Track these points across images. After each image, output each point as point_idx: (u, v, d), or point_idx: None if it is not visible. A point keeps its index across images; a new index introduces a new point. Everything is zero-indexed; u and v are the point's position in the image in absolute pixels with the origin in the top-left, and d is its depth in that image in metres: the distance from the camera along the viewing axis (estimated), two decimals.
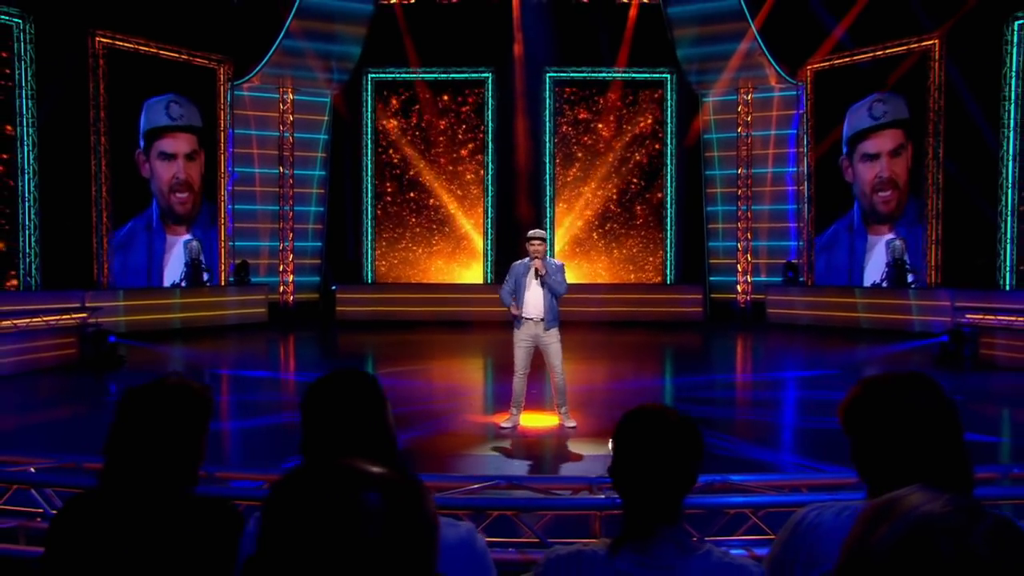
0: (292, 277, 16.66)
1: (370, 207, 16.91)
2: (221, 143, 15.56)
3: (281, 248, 16.61)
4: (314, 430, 1.67)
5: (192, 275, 15.00)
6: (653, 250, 16.92)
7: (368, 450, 1.63)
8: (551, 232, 16.45)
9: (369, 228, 16.91)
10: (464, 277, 16.88)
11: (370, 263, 16.93)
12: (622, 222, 16.87)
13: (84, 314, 11.46)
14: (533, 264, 6.80)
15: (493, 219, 16.78)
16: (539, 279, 6.80)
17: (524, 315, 6.84)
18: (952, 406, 1.47)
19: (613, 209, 16.85)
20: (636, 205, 16.86)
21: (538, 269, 6.76)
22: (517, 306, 6.86)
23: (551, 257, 7.09)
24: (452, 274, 16.91)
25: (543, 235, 7.01)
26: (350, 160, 17.02)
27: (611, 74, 16.57)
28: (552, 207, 16.83)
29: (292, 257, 16.66)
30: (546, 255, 6.91)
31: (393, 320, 15.75)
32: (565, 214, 16.90)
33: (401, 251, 16.98)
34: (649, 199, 16.88)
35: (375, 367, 11.18)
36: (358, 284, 16.68)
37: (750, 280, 16.47)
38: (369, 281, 16.86)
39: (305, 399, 1.70)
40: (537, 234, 6.92)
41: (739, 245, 16.53)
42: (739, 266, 16.55)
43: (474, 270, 16.94)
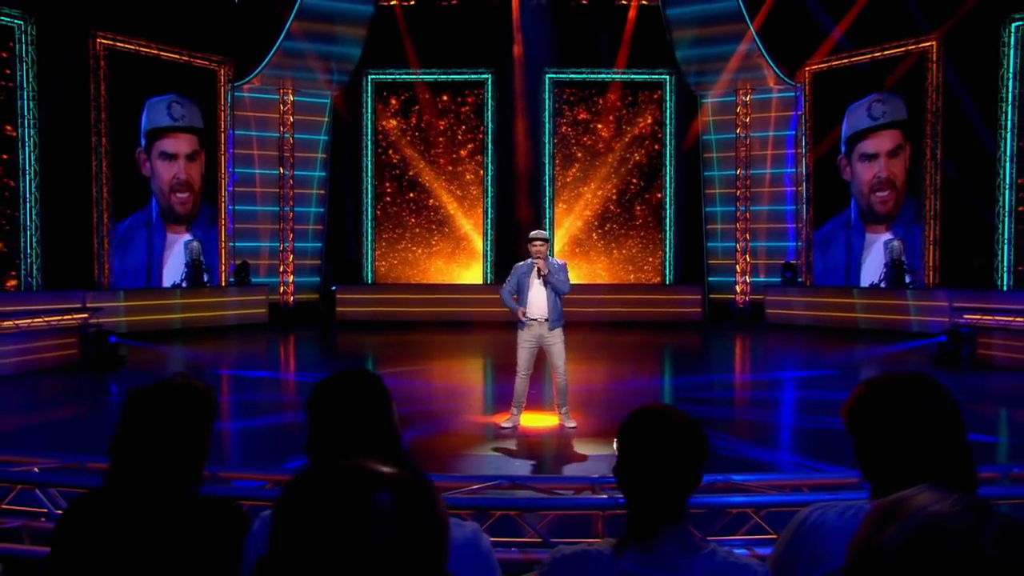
0: (292, 278, 16.68)
1: (370, 208, 16.93)
2: (221, 144, 15.58)
3: (281, 249, 16.64)
4: (320, 430, 1.68)
5: (193, 276, 15.03)
6: (652, 250, 16.94)
7: (374, 450, 1.63)
8: (551, 232, 16.42)
9: (369, 229, 16.93)
10: (464, 277, 16.89)
11: (370, 263, 16.95)
12: (621, 223, 16.88)
13: (85, 314, 11.48)
14: (536, 264, 6.79)
15: (493, 219, 16.80)
16: (542, 279, 6.78)
17: (528, 316, 6.83)
18: (955, 406, 1.48)
19: (612, 210, 16.86)
20: (635, 206, 16.88)
21: (540, 269, 6.75)
22: (523, 309, 6.83)
23: (553, 257, 7.07)
24: (452, 274, 16.93)
25: (545, 236, 6.99)
26: (350, 161, 17.03)
27: (610, 75, 16.58)
28: (551, 208, 16.85)
29: (292, 258, 16.68)
30: (548, 255, 6.91)
31: (393, 320, 15.76)
32: (565, 215, 16.91)
33: (401, 251, 16.99)
34: (648, 199, 16.90)
35: (375, 367, 11.18)
36: (358, 284, 16.69)
37: (749, 280, 16.51)
38: (369, 281, 16.87)
39: (311, 399, 1.70)
40: (539, 235, 6.90)
41: (738, 246, 16.56)
42: (738, 267, 16.58)
43: (474, 270, 16.96)
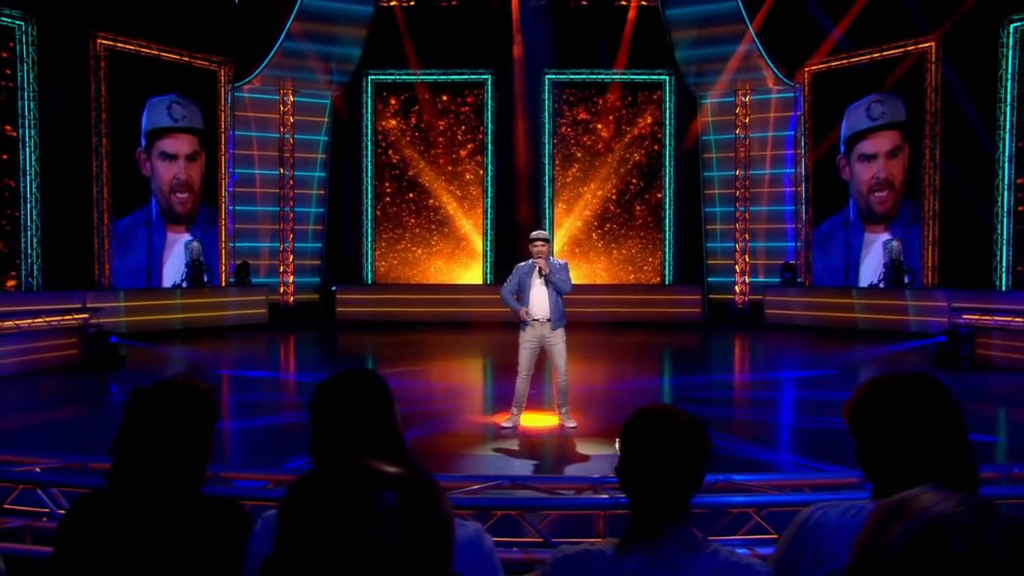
0: (292, 278, 16.70)
1: (370, 208, 16.94)
2: (222, 144, 15.59)
3: (281, 249, 16.65)
4: (323, 430, 1.68)
5: (193, 276, 15.05)
6: (652, 251, 16.95)
7: (377, 450, 1.60)
8: (550, 233, 16.41)
9: (369, 229, 16.94)
10: (463, 278, 16.91)
11: (370, 264, 16.97)
12: (621, 223, 16.90)
13: (86, 315, 11.49)
14: (537, 264, 6.80)
15: (492, 220, 16.82)
16: (543, 278, 6.79)
17: (530, 316, 6.83)
18: (957, 406, 1.48)
19: (612, 210, 16.88)
20: (635, 206, 16.89)
21: (542, 268, 6.76)
22: (525, 309, 6.83)
23: (553, 257, 7.08)
24: (452, 275, 16.94)
25: (546, 236, 7.00)
26: (350, 161, 17.04)
27: (610, 76, 16.59)
28: (551, 208, 16.87)
29: (292, 258, 16.70)
30: (550, 255, 6.92)
31: (393, 321, 15.78)
32: (564, 215, 16.92)
33: (401, 252, 17.01)
34: (648, 200, 16.91)
35: (375, 367, 11.17)
36: (358, 285, 16.70)
37: (748, 281, 16.54)
38: (369, 282, 16.89)
39: (314, 399, 1.70)
40: (540, 235, 6.91)
41: (737, 246, 16.59)
42: (737, 267, 16.61)
43: (473, 271, 16.97)
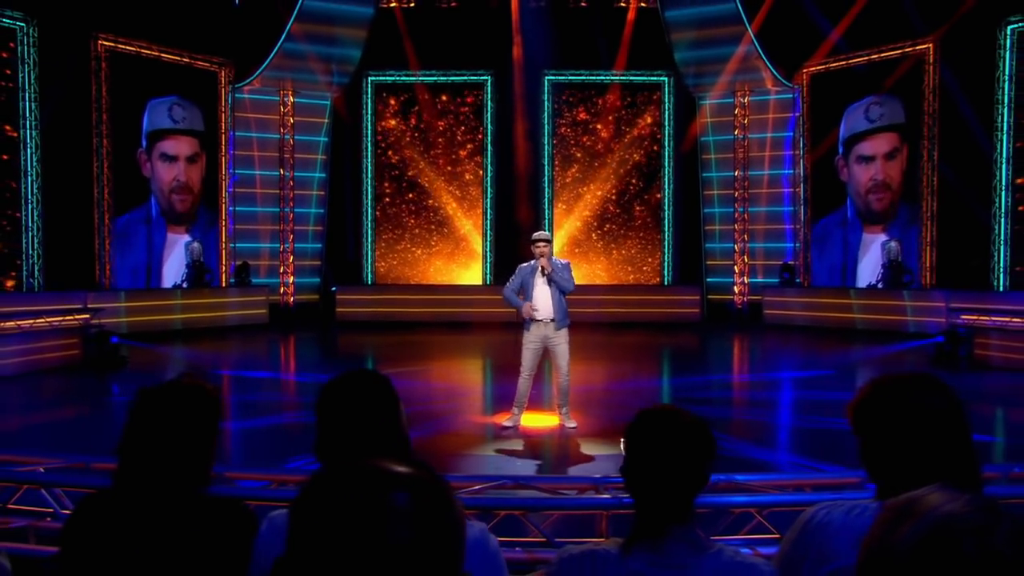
0: (292, 278, 16.74)
1: (370, 208, 16.98)
2: (222, 145, 15.62)
3: (281, 250, 16.69)
4: (329, 430, 1.68)
5: (194, 276, 15.09)
6: (651, 251, 16.99)
7: (383, 450, 1.64)
8: (550, 233, 16.45)
9: (369, 229, 16.98)
10: (463, 278, 16.95)
11: (370, 264, 17.00)
12: (620, 223, 16.93)
13: (87, 315, 11.52)
14: (539, 263, 6.82)
15: (492, 220, 16.85)
16: (546, 277, 6.81)
17: (534, 311, 6.84)
18: (961, 406, 1.49)
19: (611, 210, 16.91)
20: (634, 206, 16.93)
21: (544, 267, 6.78)
22: (530, 304, 6.82)
23: (555, 257, 7.11)
24: (451, 275, 16.98)
25: (548, 237, 7.02)
26: (350, 162, 17.07)
27: (609, 77, 16.64)
28: (551, 208, 16.91)
29: (292, 259, 16.73)
30: (551, 256, 6.93)
31: (393, 321, 15.82)
32: (564, 215, 16.96)
33: (400, 252, 17.04)
34: (647, 200, 16.95)
35: (375, 368, 11.22)
36: (358, 285, 16.73)
37: (747, 281, 16.58)
38: (369, 282, 16.92)
39: (320, 400, 1.70)
40: (542, 236, 6.93)
41: (736, 247, 16.64)
42: (736, 267, 16.65)
43: (473, 271, 17.01)
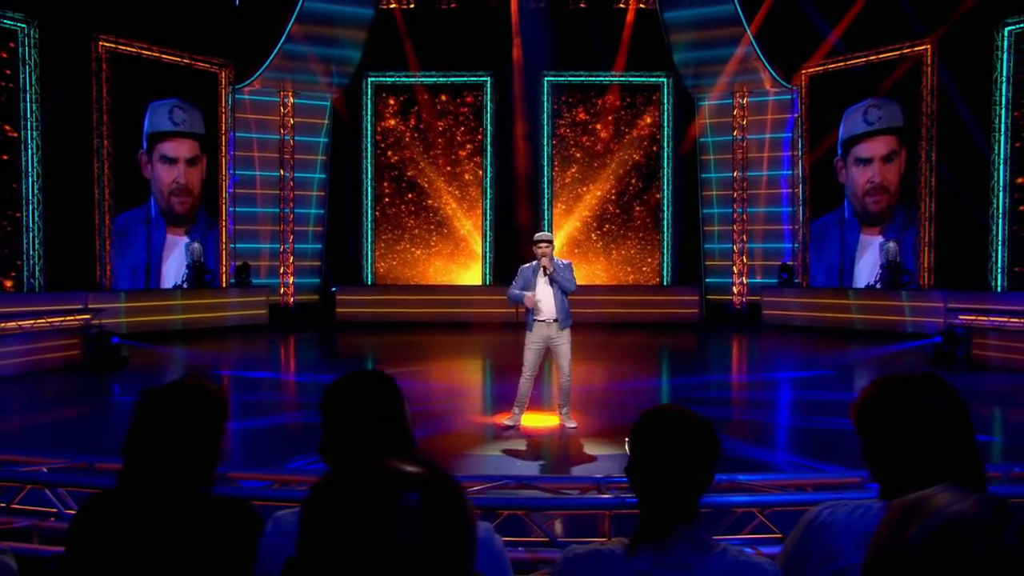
0: (292, 279, 16.77)
1: (370, 209, 17.01)
2: (222, 146, 15.65)
3: (281, 250, 16.72)
4: (335, 431, 1.68)
5: (194, 277, 15.11)
6: (651, 252, 17.03)
7: (389, 450, 1.64)
8: (550, 234, 16.48)
9: (369, 230, 17.01)
10: (463, 278, 16.98)
11: (370, 264, 17.03)
12: (620, 224, 16.97)
13: (87, 315, 11.54)
14: (541, 263, 6.83)
15: (492, 221, 16.89)
16: (548, 277, 6.83)
17: (536, 317, 6.87)
18: (964, 406, 1.49)
19: (611, 211, 16.95)
20: (634, 207, 16.96)
21: (546, 267, 6.79)
22: (534, 294, 6.81)
23: (556, 258, 7.14)
24: (451, 275, 17.01)
25: (549, 238, 7.02)
26: (350, 163, 17.11)
27: (608, 78, 16.67)
28: (550, 209, 16.94)
29: (292, 259, 16.76)
30: (553, 256, 6.95)
31: (393, 321, 15.85)
32: (563, 216, 17.00)
33: (400, 252, 17.07)
34: (647, 201, 16.99)
35: (375, 368, 11.23)
36: (358, 285, 16.76)
37: (746, 282, 16.63)
38: (369, 282, 16.95)
39: (325, 400, 1.70)
40: (544, 237, 6.94)
41: (735, 247, 16.68)
42: (735, 268, 16.70)
43: (473, 271, 17.04)
